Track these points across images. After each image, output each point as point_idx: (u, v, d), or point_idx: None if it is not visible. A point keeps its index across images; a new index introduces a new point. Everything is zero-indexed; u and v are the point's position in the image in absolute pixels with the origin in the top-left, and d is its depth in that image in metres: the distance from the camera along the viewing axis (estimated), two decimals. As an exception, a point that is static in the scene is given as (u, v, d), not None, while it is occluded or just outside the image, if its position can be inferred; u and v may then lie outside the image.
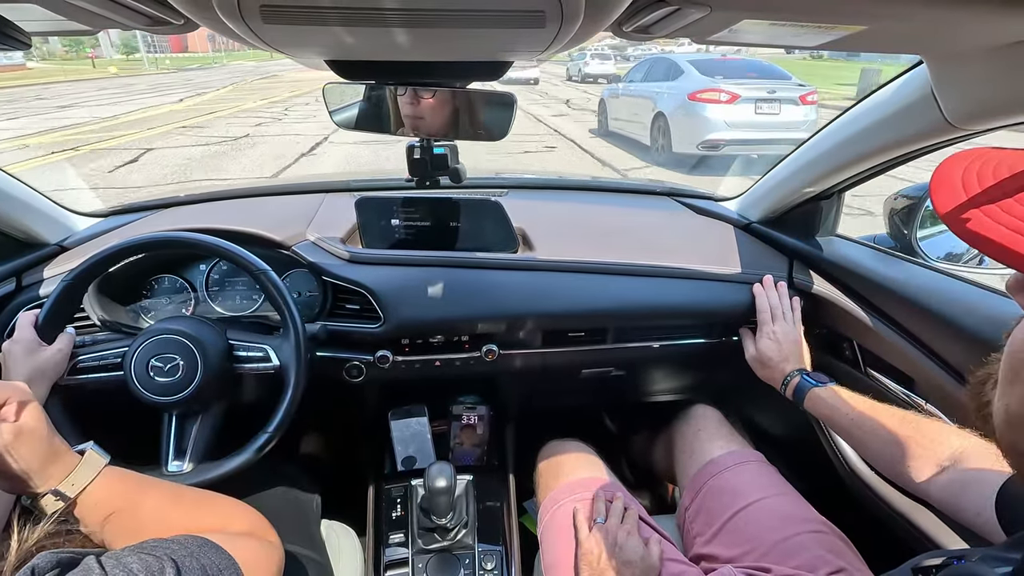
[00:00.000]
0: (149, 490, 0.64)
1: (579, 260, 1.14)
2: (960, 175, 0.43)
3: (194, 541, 0.52)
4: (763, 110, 6.57)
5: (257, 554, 0.59)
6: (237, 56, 52.85)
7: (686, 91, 6.89)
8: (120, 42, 46.20)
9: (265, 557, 0.61)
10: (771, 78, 7.01)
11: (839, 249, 1.14)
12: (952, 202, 0.41)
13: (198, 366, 0.89)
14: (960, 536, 0.88)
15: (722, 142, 6.56)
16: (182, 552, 0.49)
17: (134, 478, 0.65)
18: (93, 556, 0.43)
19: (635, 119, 8.17)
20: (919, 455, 0.76)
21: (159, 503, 0.64)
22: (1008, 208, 0.38)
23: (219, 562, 0.51)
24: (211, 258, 1.16)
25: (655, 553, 0.88)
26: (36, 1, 0.46)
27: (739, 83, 6.67)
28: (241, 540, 0.60)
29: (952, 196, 0.42)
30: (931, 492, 0.74)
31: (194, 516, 0.65)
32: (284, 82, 21.45)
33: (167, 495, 0.66)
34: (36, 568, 0.38)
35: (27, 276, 1.07)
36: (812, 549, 0.86)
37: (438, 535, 1.12)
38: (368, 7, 0.46)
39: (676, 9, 0.50)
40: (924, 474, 0.75)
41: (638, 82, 8.42)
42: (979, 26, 0.56)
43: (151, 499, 0.63)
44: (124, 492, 0.62)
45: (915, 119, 0.82)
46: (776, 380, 1.01)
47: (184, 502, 0.66)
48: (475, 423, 1.38)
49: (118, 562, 0.43)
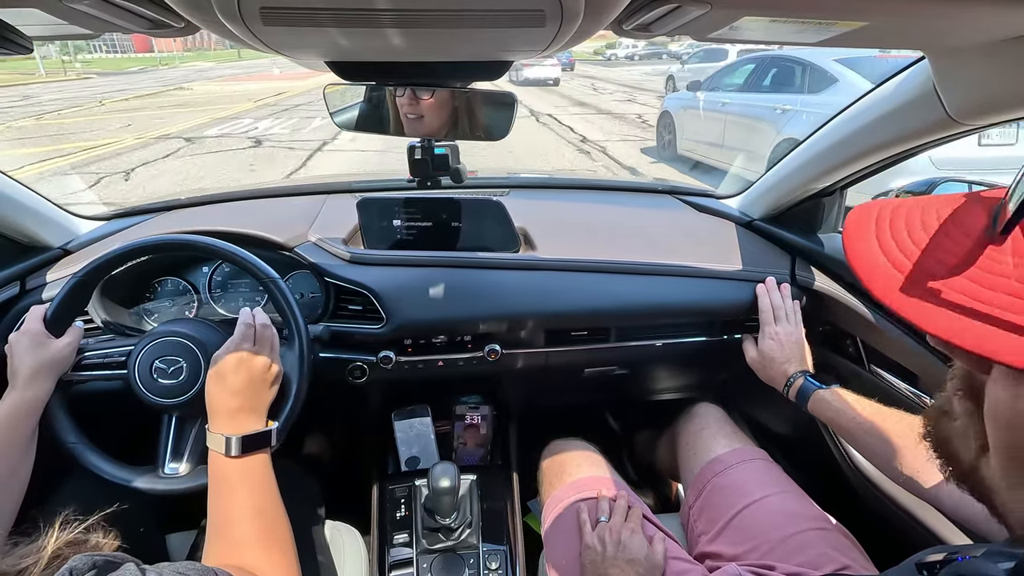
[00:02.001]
0: (262, 494, 0.70)
1: (581, 259, 1.14)
2: (878, 249, 0.40)
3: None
4: (992, 139, 3.76)
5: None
6: (191, 58, 48.25)
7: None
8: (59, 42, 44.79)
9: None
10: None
11: (841, 246, 1.14)
12: (890, 285, 0.38)
13: (201, 369, 0.89)
14: (964, 532, 0.87)
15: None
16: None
17: (267, 479, 0.72)
18: (133, 563, 0.43)
19: (735, 145, 5.73)
20: (928, 461, 0.75)
21: (250, 506, 0.68)
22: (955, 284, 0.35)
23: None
24: (214, 260, 1.16)
25: (659, 551, 0.88)
26: (37, 5, 0.46)
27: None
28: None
29: (886, 277, 0.38)
30: (942, 500, 0.73)
31: (254, 539, 0.66)
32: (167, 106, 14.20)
33: (255, 508, 0.69)
34: (74, 570, 0.38)
35: (31, 280, 1.07)
36: (816, 546, 0.86)
37: (442, 535, 1.12)
38: (367, 8, 0.46)
39: (676, 7, 0.50)
40: (933, 481, 0.73)
41: (737, 91, 5.96)
42: (981, 21, 0.56)
43: (250, 500, 0.69)
44: (255, 478, 0.71)
45: (917, 114, 0.81)
46: (778, 381, 1.00)
47: (260, 524, 0.67)
48: (478, 423, 1.38)
49: (159, 573, 0.44)
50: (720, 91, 6.23)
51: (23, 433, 0.79)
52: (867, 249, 0.40)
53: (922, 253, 0.38)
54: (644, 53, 30.78)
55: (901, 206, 0.42)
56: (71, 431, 0.88)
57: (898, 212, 0.41)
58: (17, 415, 0.79)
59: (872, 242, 0.41)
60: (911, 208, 0.41)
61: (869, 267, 0.40)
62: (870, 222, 0.42)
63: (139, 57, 51.09)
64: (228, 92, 17.69)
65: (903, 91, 0.83)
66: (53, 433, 0.86)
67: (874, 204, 0.43)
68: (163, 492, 0.88)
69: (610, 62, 30.89)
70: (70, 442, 0.87)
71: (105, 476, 0.87)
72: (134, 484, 0.87)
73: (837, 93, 4.45)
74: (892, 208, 0.42)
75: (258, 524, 0.67)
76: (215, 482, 0.71)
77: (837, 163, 1.03)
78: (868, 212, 0.43)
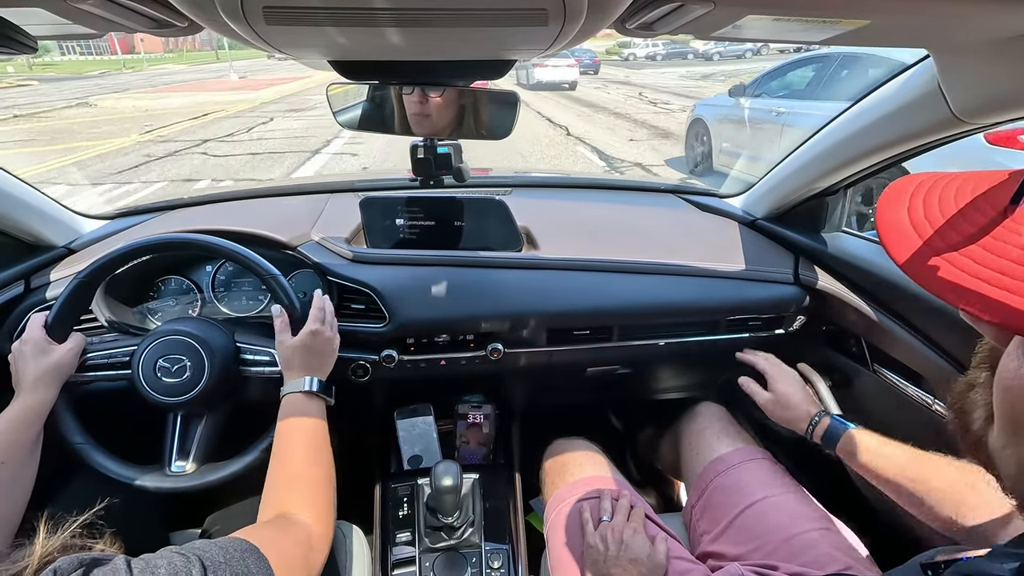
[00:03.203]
0: (322, 434, 0.85)
1: (583, 258, 1.14)
2: (906, 216, 0.40)
3: (238, 547, 0.53)
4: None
5: (295, 568, 0.61)
6: (164, 60, 45.44)
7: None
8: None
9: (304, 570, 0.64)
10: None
11: (845, 245, 1.13)
12: (908, 247, 0.38)
13: (205, 368, 0.89)
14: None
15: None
16: (218, 556, 0.50)
17: (319, 430, 0.85)
18: (123, 557, 0.44)
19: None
20: (989, 513, 0.67)
21: (294, 447, 0.81)
22: (978, 257, 0.35)
23: (256, 570, 0.52)
24: (217, 259, 1.16)
25: (661, 551, 0.88)
26: (41, 5, 0.46)
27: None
28: (290, 544, 0.63)
29: (906, 240, 0.39)
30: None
31: (296, 477, 0.77)
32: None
33: (308, 451, 0.81)
34: (58, 570, 0.38)
35: (35, 279, 1.07)
36: (819, 546, 0.86)
37: (445, 534, 1.12)
38: (371, 8, 0.46)
39: (679, 5, 0.49)
40: (998, 536, 0.66)
41: (796, 98, 4.82)
42: (985, 19, 0.55)
43: (299, 441, 0.82)
44: (320, 415, 0.86)
45: (922, 113, 0.81)
46: (800, 421, 0.94)
47: (308, 463, 0.80)
48: (481, 422, 1.38)
49: (147, 564, 0.44)
50: (768, 97, 5.12)
51: (28, 438, 0.80)
52: (894, 215, 0.41)
53: (945, 222, 0.38)
54: (667, 52, 28.82)
55: (941, 179, 0.42)
56: (77, 431, 0.88)
57: (936, 185, 0.42)
58: (22, 420, 0.80)
59: (901, 209, 0.41)
60: (950, 182, 0.42)
61: (891, 230, 0.40)
62: (906, 192, 0.43)
63: (104, 60, 48.09)
64: (157, 107, 13.56)
65: (907, 90, 0.83)
66: (59, 434, 0.87)
67: (916, 176, 0.44)
68: (170, 490, 0.88)
69: (628, 62, 28.91)
70: (76, 442, 0.88)
71: (112, 475, 0.88)
72: (141, 483, 0.88)
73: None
74: (933, 181, 0.43)
75: (312, 458, 0.80)
76: (285, 416, 0.84)
77: (841, 162, 1.02)
78: (909, 182, 0.44)
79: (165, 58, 48.92)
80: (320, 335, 0.91)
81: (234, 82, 20.19)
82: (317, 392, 0.88)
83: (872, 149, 0.94)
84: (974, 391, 0.43)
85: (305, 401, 0.87)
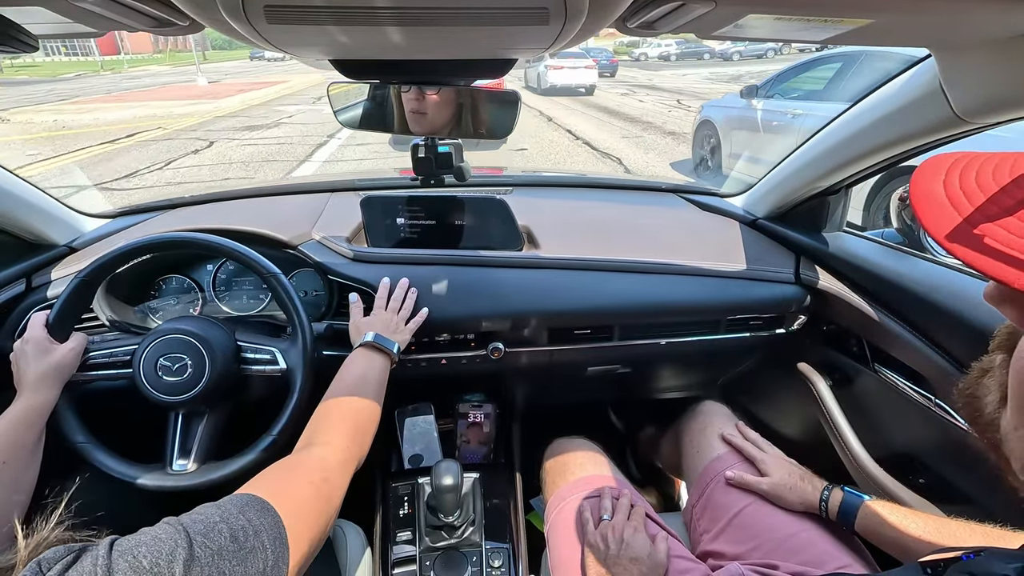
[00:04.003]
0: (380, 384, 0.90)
1: (584, 257, 1.14)
2: (942, 189, 0.40)
3: (237, 502, 0.50)
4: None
5: (308, 508, 0.58)
6: (149, 61, 43.51)
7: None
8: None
9: (316, 514, 0.59)
10: None
11: (846, 244, 1.13)
12: (946, 219, 0.38)
13: (206, 366, 0.89)
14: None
15: None
16: (214, 516, 0.47)
17: (369, 375, 0.88)
18: (107, 540, 0.42)
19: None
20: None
21: (336, 386, 0.83)
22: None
23: (260, 522, 0.49)
24: (218, 258, 1.16)
25: (662, 550, 0.88)
26: (42, 4, 0.46)
27: None
28: (301, 483, 0.61)
29: (942, 211, 0.39)
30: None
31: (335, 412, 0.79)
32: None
33: (349, 390, 0.83)
34: (42, 562, 0.38)
35: (36, 277, 1.07)
36: (819, 545, 0.86)
37: (445, 533, 1.12)
38: (372, 7, 0.46)
39: (680, 4, 0.49)
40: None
41: (814, 100, 4.40)
42: (987, 18, 0.55)
43: (344, 382, 0.85)
44: (354, 368, 0.88)
45: (923, 113, 0.81)
46: (812, 498, 0.90)
47: (345, 399, 0.81)
48: (481, 421, 1.38)
49: (130, 544, 0.42)
50: (782, 98, 4.73)
51: (30, 438, 0.80)
52: (929, 187, 0.41)
53: (987, 198, 0.38)
54: (680, 52, 27.47)
55: (978, 157, 0.42)
56: (79, 430, 0.89)
57: (974, 162, 0.42)
58: (24, 421, 0.80)
59: (937, 183, 0.41)
60: (988, 159, 0.41)
61: (926, 202, 0.40)
62: (943, 167, 0.42)
63: (87, 62, 46.09)
64: (81, 123, 10.87)
65: (909, 89, 0.83)
66: (61, 433, 0.87)
67: (952, 153, 0.44)
68: (171, 489, 0.88)
69: (640, 62, 27.62)
70: (78, 441, 0.88)
71: (114, 474, 0.88)
72: (142, 482, 0.88)
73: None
74: (970, 158, 0.42)
75: (351, 394, 0.82)
76: (344, 366, 0.88)
77: (842, 162, 1.02)
78: (945, 158, 0.43)
79: (149, 59, 46.81)
80: (389, 313, 0.99)
81: (200, 87, 18.87)
82: (376, 344, 0.92)
83: (873, 149, 0.94)
84: (988, 376, 0.43)
85: (364, 353, 0.91)
